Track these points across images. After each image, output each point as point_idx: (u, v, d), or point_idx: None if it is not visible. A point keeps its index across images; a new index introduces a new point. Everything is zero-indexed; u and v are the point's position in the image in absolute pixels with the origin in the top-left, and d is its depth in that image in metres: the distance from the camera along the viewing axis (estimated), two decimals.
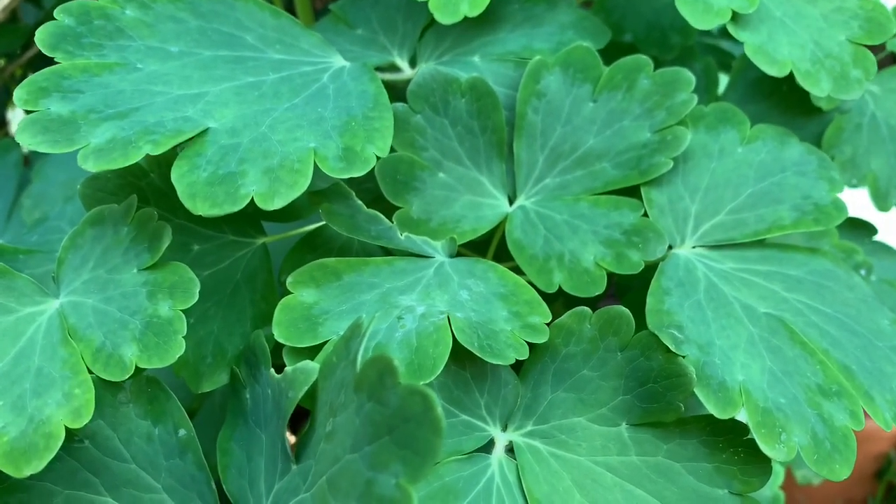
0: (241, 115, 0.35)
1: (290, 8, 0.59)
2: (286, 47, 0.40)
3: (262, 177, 0.33)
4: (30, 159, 0.85)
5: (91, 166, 0.32)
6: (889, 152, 0.56)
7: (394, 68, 0.47)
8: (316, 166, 0.34)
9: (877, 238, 0.59)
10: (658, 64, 0.54)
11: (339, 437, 0.29)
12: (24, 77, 0.93)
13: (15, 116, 0.96)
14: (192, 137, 0.34)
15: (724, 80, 0.58)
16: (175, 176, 0.32)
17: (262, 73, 0.38)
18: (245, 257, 0.42)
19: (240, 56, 0.39)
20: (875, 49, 0.67)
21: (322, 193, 0.39)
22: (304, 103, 0.37)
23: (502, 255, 0.42)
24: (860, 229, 0.58)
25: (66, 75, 0.35)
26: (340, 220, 0.38)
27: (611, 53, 0.46)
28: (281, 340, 0.34)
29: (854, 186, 0.55)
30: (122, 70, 0.36)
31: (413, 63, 0.47)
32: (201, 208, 0.32)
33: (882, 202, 0.55)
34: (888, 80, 0.58)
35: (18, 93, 0.34)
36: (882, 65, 0.57)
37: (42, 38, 0.36)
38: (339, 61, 0.41)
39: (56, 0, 0.92)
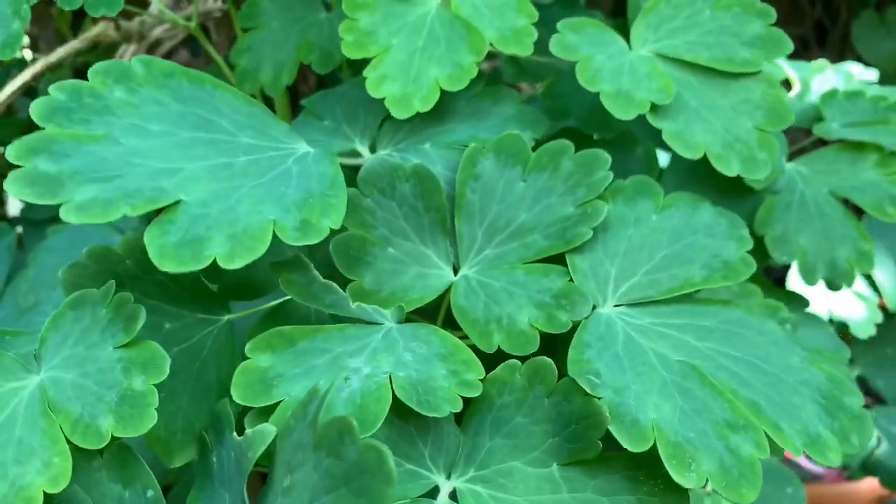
0: (212, 190, 0.39)
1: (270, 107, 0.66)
2: (257, 133, 0.45)
3: (226, 241, 0.37)
4: (23, 242, 0.90)
5: (73, 219, 0.36)
6: (816, 229, 0.61)
7: (355, 154, 0.52)
8: (276, 236, 0.38)
9: (808, 310, 0.63)
10: (600, 143, 0.59)
11: (297, 492, 0.32)
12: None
13: (11, 199, 1.02)
14: (165, 207, 0.38)
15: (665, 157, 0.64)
16: (147, 238, 0.37)
17: (234, 155, 0.43)
18: (212, 334, 0.45)
19: (215, 139, 0.43)
20: (803, 134, 0.74)
21: (283, 264, 0.44)
22: (269, 182, 0.41)
23: (453, 321, 0.46)
24: (793, 302, 0.62)
25: (56, 140, 0.39)
26: (298, 289, 0.43)
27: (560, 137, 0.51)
28: (238, 400, 0.37)
29: (785, 262, 0.60)
30: (107, 142, 0.40)
31: (373, 149, 0.52)
32: (168, 266, 0.36)
33: (810, 276, 0.59)
34: (815, 162, 0.64)
35: (10, 150, 0.38)
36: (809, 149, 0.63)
37: (36, 110, 0.40)
38: (303, 147, 0.45)
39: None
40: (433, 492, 0.38)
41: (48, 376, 0.40)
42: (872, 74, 0.89)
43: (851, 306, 0.86)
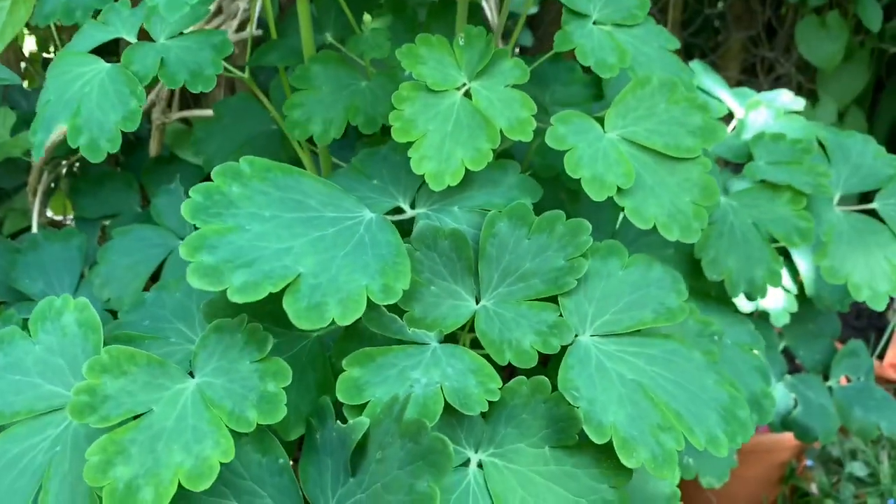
0: (318, 262, 0.57)
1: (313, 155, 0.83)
2: (335, 207, 0.63)
3: (338, 305, 0.55)
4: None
5: (237, 299, 0.54)
6: (741, 253, 0.80)
7: (399, 210, 0.70)
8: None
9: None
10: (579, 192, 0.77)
11: (389, 462, 0.52)
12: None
13: None
14: (291, 281, 0.56)
15: None
16: (286, 304, 0.54)
17: (324, 228, 0.60)
18: (307, 345, 0.64)
19: (308, 217, 0.61)
20: (739, 167, 0.93)
21: None
22: (353, 251, 0.59)
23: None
24: (723, 305, 0.83)
25: (206, 236, 0.57)
26: (375, 322, 0.61)
27: (554, 185, 0.69)
28: (342, 400, 0.56)
29: (716, 279, 0.80)
30: (238, 231, 0.58)
31: (413, 206, 0.70)
32: (304, 325, 0.54)
33: (733, 290, 0.79)
34: (743, 197, 0.83)
35: (182, 249, 0.55)
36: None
37: (185, 210, 0.57)
38: (367, 214, 0.63)
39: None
40: (466, 462, 0.58)
41: (203, 381, 0.58)
42: (800, 104, 1.09)
43: (773, 298, 1.07)
